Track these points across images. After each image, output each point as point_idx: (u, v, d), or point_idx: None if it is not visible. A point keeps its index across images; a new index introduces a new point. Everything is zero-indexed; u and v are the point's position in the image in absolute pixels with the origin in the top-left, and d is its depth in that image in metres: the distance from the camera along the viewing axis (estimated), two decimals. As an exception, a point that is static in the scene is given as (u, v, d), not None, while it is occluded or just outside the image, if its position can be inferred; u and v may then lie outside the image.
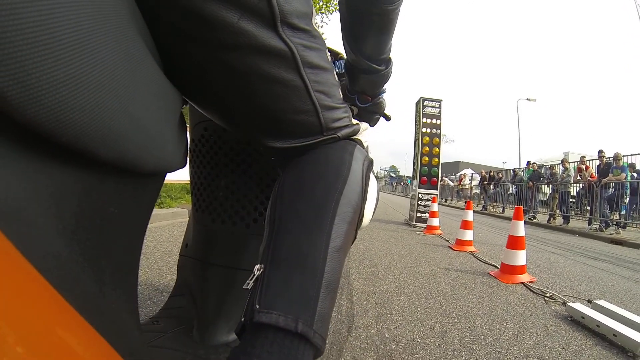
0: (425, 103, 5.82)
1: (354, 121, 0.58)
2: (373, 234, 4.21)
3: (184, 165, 0.46)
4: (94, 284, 0.32)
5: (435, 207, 5.05)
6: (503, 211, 10.94)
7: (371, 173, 0.58)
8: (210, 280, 0.73)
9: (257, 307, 0.37)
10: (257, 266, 0.42)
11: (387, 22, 0.59)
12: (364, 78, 0.69)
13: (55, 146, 0.25)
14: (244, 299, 0.70)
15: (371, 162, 0.59)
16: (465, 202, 4.60)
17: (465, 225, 3.68)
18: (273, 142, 0.49)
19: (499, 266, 2.63)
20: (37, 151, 0.25)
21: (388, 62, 0.68)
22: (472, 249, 3.52)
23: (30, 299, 0.23)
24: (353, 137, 0.57)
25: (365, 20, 0.59)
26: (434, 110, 5.84)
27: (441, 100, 5.88)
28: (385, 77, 0.70)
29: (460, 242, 3.61)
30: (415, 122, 6.04)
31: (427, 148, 5.75)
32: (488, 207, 11.88)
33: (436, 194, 5.61)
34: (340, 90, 0.54)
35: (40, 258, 0.24)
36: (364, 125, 0.62)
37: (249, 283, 0.41)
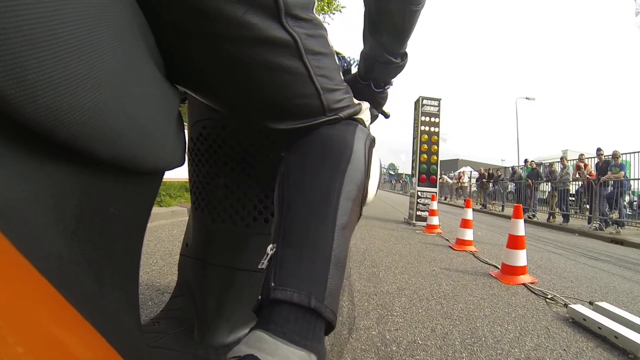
0: (425, 102, 5.83)
1: (356, 101, 0.60)
2: (373, 232, 4.22)
3: (182, 163, 0.47)
4: (95, 285, 0.32)
5: (434, 205, 5.04)
6: (502, 209, 10.94)
7: (373, 150, 0.59)
8: (210, 280, 0.72)
9: (273, 284, 0.39)
10: (270, 246, 0.44)
11: (410, 21, 0.61)
12: (380, 67, 0.72)
13: (54, 145, 0.25)
14: (244, 299, 0.71)
15: (373, 140, 0.60)
16: (465, 200, 4.60)
17: (465, 224, 3.67)
18: (276, 124, 0.51)
19: (499, 266, 2.62)
20: (37, 151, 0.25)
21: (404, 55, 0.71)
22: (472, 248, 3.52)
23: (30, 300, 0.23)
24: (355, 117, 0.59)
25: (389, 17, 0.61)
26: (433, 109, 5.85)
27: (440, 99, 5.89)
28: (400, 69, 0.74)
29: (461, 242, 3.61)
30: (414, 120, 6.04)
31: (425, 146, 5.78)
32: (487, 205, 11.89)
33: (435, 192, 5.61)
34: (340, 73, 0.56)
35: (41, 259, 0.24)
36: (365, 104, 0.63)
37: (263, 262, 0.43)
